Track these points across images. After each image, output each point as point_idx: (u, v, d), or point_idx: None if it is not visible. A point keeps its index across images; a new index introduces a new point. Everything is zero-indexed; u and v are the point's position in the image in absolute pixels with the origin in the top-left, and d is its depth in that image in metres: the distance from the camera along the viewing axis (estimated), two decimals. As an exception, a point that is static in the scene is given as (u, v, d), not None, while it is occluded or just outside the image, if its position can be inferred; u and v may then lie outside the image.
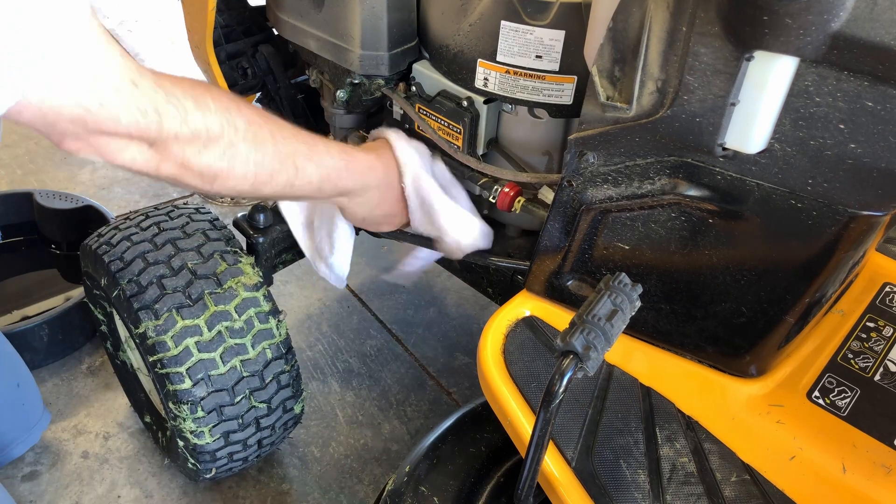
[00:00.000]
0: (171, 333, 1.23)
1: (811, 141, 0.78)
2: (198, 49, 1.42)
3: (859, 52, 0.70)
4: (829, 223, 0.82)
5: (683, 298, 0.99)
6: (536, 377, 1.02)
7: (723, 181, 0.86)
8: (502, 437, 1.10)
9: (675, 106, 0.82)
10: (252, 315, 1.30)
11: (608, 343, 0.76)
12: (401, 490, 1.11)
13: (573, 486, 0.92)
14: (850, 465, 0.91)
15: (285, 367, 1.35)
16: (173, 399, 1.26)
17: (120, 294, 1.28)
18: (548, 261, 1.07)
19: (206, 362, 1.25)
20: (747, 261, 0.90)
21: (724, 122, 0.80)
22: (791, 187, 0.82)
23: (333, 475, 1.66)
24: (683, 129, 0.83)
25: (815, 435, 0.95)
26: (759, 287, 0.91)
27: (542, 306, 1.12)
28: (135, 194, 2.47)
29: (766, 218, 0.85)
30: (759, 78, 0.76)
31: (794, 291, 0.90)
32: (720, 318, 0.97)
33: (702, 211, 0.89)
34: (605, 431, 0.98)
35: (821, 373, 1.03)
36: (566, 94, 1.12)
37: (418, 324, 2.06)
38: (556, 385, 0.75)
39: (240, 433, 1.34)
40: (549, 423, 0.78)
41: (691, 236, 0.93)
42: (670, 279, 0.98)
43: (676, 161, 0.88)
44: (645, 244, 0.97)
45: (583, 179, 0.96)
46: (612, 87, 0.88)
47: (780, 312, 0.92)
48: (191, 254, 1.31)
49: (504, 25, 1.08)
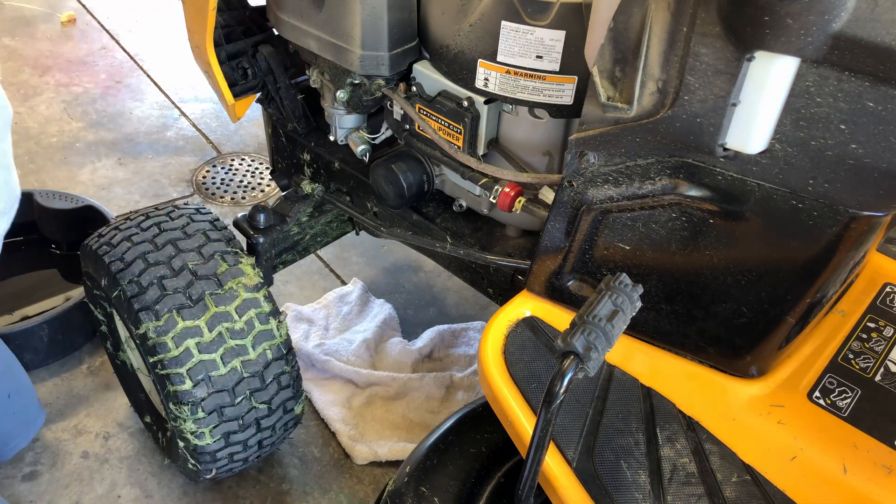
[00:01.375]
0: (171, 334, 1.23)
1: (812, 141, 0.78)
2: (198, 49, 1.42)
3: (860, 53, 0.70)
4: (830, 223, 0.82)
5: (684, 299, 0.99)
6: (537, 377, 1.02)
7: (723, 181, 0.86)
8: (503, 438, 1.10)
9: (676, 106, 0.82)
10: (253, 316, 1.30)
11: (609, 344, 0.76)
12: (401, 490, 1.11)
13: (574, 487, 0.92)
14: (851, 465, 0.91)
15: (286, 367, 1.35)
16: (174, 400, 1.25)
17: (120, 295, 1.28)
18: (548, 261, 1.07)
19: (207, 363, 1.25)
20: (748, 261, 0.90)
21: (724, 123, 0.80)
22: (792, 188, 0.82)
23: (333, 475, 1.66)
24: (684, 130, 0.83)
25: (816, 435, 0.95)
26: (760, 287, 0.91)
27: (542, 307, 1.12)
28: (135, 194, 2.47)
29: (766, 218, 0.85)
30: (759, 78, 0.76)
31: (795, 292, 0.90)
32: (721, 319, 0.97)
33: (702, 211, 0.89)
34: (606, 432, 0.98)
35: (821, 373, 1.03)
36: (567, 94, 1.12)
37: (418, 324, 2.06)
38: (557, 386, 0.75)
39: (240, 434, 1.34)
40: (550, 424, 0.78)
41: (692, 237, 0.93)
42: (671, 279, 0.98)
43: (677, 161, 0.88)
44: (646, 244, 0.97)
45: (583, 180, 0.96)
46: (612, 87, 0.88)
47: (780, 313, 0.92)
48: (191, 254, 1.31)
49: (504, 26, 1.08)
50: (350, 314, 2.04)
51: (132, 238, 1.33)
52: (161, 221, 1.37)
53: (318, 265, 2.24)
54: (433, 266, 2.25)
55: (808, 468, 0.93)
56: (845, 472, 0.91)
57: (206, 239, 1.35)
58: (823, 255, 0.85)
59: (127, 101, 2.98)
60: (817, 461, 0.93)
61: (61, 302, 1.93)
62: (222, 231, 1.40)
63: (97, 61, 3.21)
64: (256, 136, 2.81)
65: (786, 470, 0.93)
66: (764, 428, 0.97)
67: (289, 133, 1.65)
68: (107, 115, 2.88)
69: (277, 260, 1.65)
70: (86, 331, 1.88)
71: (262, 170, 2.64)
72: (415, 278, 2.23)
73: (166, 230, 1.35)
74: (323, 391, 1.80)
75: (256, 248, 1.49)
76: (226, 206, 2.47)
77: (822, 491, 0.91)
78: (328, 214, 1.69)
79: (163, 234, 1.34)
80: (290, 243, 1.66)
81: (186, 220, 1.39)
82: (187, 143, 2.77)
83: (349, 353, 1.88)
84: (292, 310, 2.02)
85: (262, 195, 2.52)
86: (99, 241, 1.37)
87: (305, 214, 1.62)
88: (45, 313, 1.78)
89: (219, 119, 2.90)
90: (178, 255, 1.30)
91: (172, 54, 3.30)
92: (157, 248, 1.31)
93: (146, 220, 1.38)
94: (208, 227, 1.39)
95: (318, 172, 1.62)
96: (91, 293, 1.53)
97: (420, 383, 1.82)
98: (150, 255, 1.29)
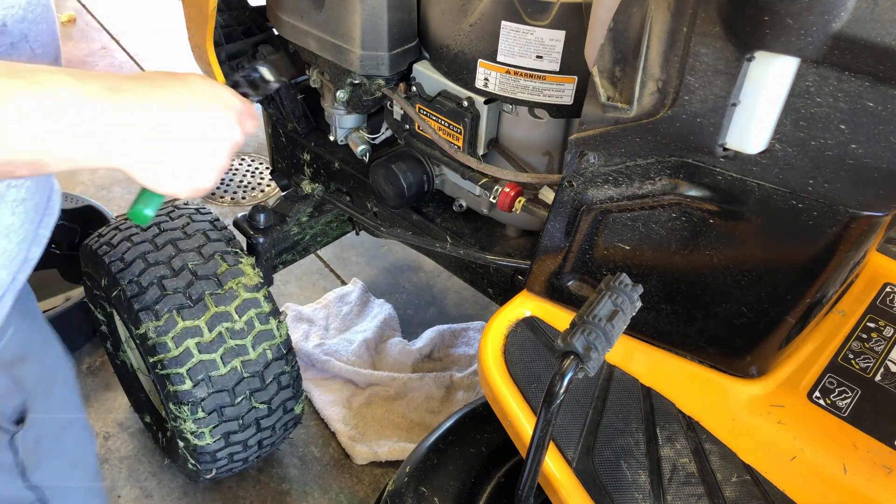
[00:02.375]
0: (171, 334, 1.23)
1: (812, 141, 0.78)
2: (198, 49, 1.42)
3: (860, 53, 0.70)
4: (830, 223, 0.82)
5: (684, 299, 0.99)
6: (537, 377, 1.02)
7: (723, 181, 0.86)
8: (503, 438, 1.10)
9: (676, 106, 0.82)
10: (253, 316, 1.30)
11: (609, 343, 0.76)
12: (401, 490, 1.11)
13: (574, 487, 0.92)
14: (851, 465, 0.91)
15: (286, 367, 1.35)
16: (174, 400, 1.25)
17: (120, 295, 1.28)
18: (548, 261, 1.07)
19: (207, 363, 1.25)
20: (748, 261, 0.90)
21: (724, 123, 0.80)
22: (792, 188, 0.82)
23: (333, 475, 1.66)
24: (684, 130, 0.83)
25: (816, 435, 0.95)
26: (760, 287, 0.91)
27: (542, 307, 1.12)
28: (134, 194, 2.47)
29: (766, 218, 0.85)
30: (759, 78, 0.76)
31: (795, 292, 0.90)
32: (721, 319, 0.97)
33: (702, 211, 0.89)
34: (606, 432, 0.98)
35: (821, 373, 1.03)
36: (566, 94, 1.12)
37: (418, 324, 2.06)
38: (557, 386, 0.75)
39: (240, 434, 1.34)
40: (550, 424, 0.78)
41: (692, 237, 0.92)
42: (671, 279, 0.98)
43: (677, 161, 0.88)
44: (645, 244, 0.97)
45: (583, 180, 0.96)
46: (612, 87, 0.88)
47: (780, 313, 0.92)
48: (191, 254, 1.31)
49: (504, 26, 1.08)
50: (350, 314, 2.04)
51: (132, 238, 1.33)
52: (161, 221, 1.37)
53: (318, 265, 2.24)
54: (433, 266, 2.25)
55: (808, 468, 0.93)
56: (845, 472, 0.91)
57: (206, 239, 1.35)
58: (823, 255, 0.85)
59: (127, 101, 2.98)
60: (817, 461, 0.93)
61: (61, 302, 1.93)
62: (222, 231, 1.40)
63: (97, 61, 3.21)
64: (256, 136, 2.81)
65: (786, 470, 0.93)
66: (764, 428, 0.97)
67: (289, 133, 1.64)
68: (107, 115, 2.88)
69: (277, 260, 1.65)
70: (86, 331, 1.88)
71: (262, 170, 2.64)
72: (415, 278, 2.23)
73: (166, 230, 1.35)
74: (323, 391, 1.80)
75: (256, 248, 1.49)
76: (226, 206, 2.47)
77: (822, 491, 0.91)
78: (328, 214, 1.69)
79: (163, 234, 1.34)
80: (290, 243, 1.66)
81: (186, 220, 1.39)
82: (187, 143, 2.77)
83: (349, 353, 1.88)
84: (292, 310, 2.02)
85: (262, 195, 2.52)
86: (99, 241, 1.37)
87: (305, 214, 1.62)
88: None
89: (219, 119, 2.89)
90: (178, 255, 1.30)
91: (172, 54, 3.29)
92: (157, 248, 1.31)
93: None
94: (208, 226, 1.39)
95: (318, 172, 1.62)
96: (91, 293, 1.53)
97: (420, 383, 1.82)
98: (150, 255, 1.29)
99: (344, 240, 2.07)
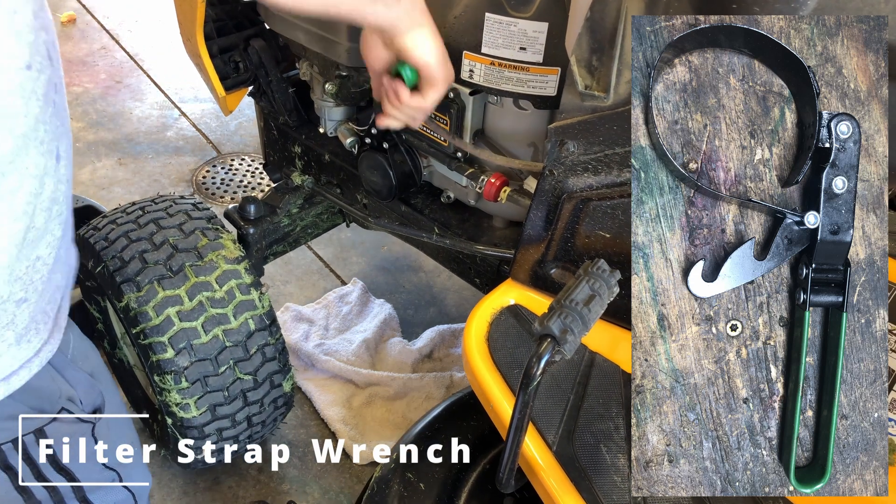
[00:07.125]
0: (152, 304, 1.25)
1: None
2: (189, 42, 1.43)
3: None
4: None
5: (663, 286, 1.00)
6: (519, 363, 1.04)
7: (699, 168, 0.87)
8: (488, 426, 1.11)
9: (651, 94, 0.83)
10: (233, 286, 1.32)
11: (585, 327, 0.77)
12: (388, 477, 1.13)
13: (554, 469, 0.94)
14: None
15: (269, 339, 1.36)
16: (157, 371, 1.27)
17: (104, 271, 1.30)
18: (531, 249, 1.09)
19: (188, 331, 1.27)
20: (724, 247, 0.91)
21: (698, 110, 0.81)
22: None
23: (333, 475, 1.67)
24: (659, 117, 0.84)
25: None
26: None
27: (526, 295, 1.13)
28: (135, 194, 2.48)
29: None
30: (731, 65, 0.77)
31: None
32: (699, 305, 0.98)
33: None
34: (587, 416, 0.99)
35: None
36: (550, 85, 1.13)
37: (418, 324, 2.07)
38: (535, 368, 0.76)
39: (227, 407, 1.35)
40: (528, 406, 0.79)
41: (670, 224, 0.94)
42: (650, 267, 0.99)
43: (654, 149, 0.89)
44: (626, 233, 0.99)
45: (564, 168, 0.97)
46: (590, 76, 0.90)
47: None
48: (172, 230, 1.33)
49: (488, 17, 1.10)
50: (350, 314, 2.05)
51: (116, 220, 1.37)
52: (145, 205, 1.41)
53: (318, 265, 2.25)
54: (433, 266, 2.26)
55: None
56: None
57: (188, 217, 1.38)
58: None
59: (127, 101, 2.99)
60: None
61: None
62: (204, 211, 1.43)
63: (97, 61, 3.22)
64: (256, 137, 2.82)
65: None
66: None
67: (280, 126, 1.66)
68: (107, 115, 2.89)
69: (268, 251, 1.67)
70: (84, 331, 1.89)
71: (261, 170, 2.65)
72: (415, 278, 2.24)
73: (149, 212, 1.38)
74: (323, 391, 1.81)
75: (246, 238, 1.51)
76: (226, 205, 2.48)
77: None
78: (319, 206, 1.71)
79: (146, 215, 1.37)
80: (281, 234, 1.68)
81: (170, 203, 1.42)
82: (187, 143, 2.78)
83: (349, 353, 1.90)
84: (292, 310, 2.03)
85: (261, 195, 2.54)
86: (87, 228, 1.40)
87: (296, 206, 1.64)
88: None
89: (219, 119, 2.91)
90: (160, 231, 1.33)
91: (172, 54, 3.30)
92: (139, 227, 1.34)
93: (132, 206, 1.42)
94: (190, 207, 1.42)
95: (309, 164, 1.63)
96: (84, 286, 1.55)
97: (420, 383, 1.83)
98: (133, 233, 1.32)
99: (344, 240, 2.09)
